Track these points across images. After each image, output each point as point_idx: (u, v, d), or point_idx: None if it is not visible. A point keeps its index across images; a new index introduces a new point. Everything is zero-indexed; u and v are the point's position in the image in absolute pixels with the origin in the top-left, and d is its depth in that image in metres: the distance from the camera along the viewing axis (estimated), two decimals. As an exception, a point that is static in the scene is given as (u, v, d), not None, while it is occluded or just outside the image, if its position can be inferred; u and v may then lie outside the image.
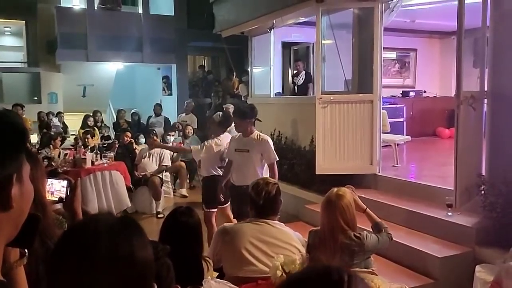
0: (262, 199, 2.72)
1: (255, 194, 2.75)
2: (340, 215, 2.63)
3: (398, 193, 5.30)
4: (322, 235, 2.67)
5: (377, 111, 5.61)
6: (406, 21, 8.02)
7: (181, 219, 2.39)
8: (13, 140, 0.79)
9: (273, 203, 2.77)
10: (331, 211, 2.66)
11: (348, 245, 2.59)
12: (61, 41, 10.96)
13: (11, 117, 0.82)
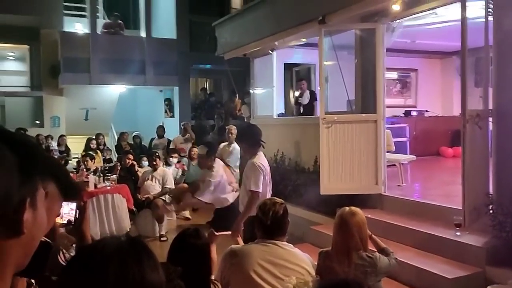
0: (270, 220, 2.68)
1: (262, 214, 2.70)
2: (355, 233, 2.60)
3: (404, 213, 5.25)
4: (334, 256, 2.62)
5: (381, 131, 5.60)
6: (407, 41, 8.10)
7: (190, 241, 2.34)
8: (27, 162, 0.74)
9: (280, 223, 2.72)
10: (345, 229, 2.62)
11: (361, 265, 2.54)
12: (65, 65, 11.06)
13: (24, 138, 0.78)
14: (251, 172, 4.06)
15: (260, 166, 4.03)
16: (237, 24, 8.46)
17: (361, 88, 6.04)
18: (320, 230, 5.62)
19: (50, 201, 0.79)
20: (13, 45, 13.20)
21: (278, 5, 7.00)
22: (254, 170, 4.03)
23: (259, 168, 4.01)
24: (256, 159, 4.09)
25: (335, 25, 5.83)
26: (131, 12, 14.45)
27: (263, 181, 4.02)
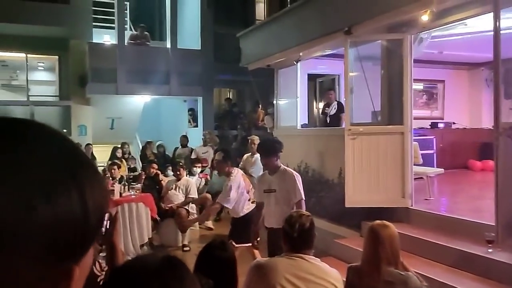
0: (296, 232, 2.63)
1: (289, 227, 2.66)
2: (387, 246, 2.54)
3: (432, 227, 5.11)
4: (364, 270, 2.55)
5: (409, 143, 5.50)
6: (434, 52, 7.97)
7: (216, 253, 2.32)
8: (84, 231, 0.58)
9: (307, 236, 2.67)
10: (376, 242, 2.57)
11: (391, 283, 2.46)
12: (92, 75, 11.29)
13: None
14: (294, 182, 4.23)
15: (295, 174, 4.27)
16: (261, 35, 8.49)
17: (387, 99, 5.95)
18: (345, 244, 5.52)
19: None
20: (43, 56, 13.57)
21: (303, 16, 6.99)
22: (295, 179, 4.25)
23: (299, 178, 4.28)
24: (286, 169, 4.31)
25: (361, 36, 5.78)
26: (157, 24, 14.71)
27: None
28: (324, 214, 6.54)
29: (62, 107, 12.76)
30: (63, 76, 13.03)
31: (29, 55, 12.74)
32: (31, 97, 12.89)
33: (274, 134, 8.71)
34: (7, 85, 14.37)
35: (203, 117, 12.28)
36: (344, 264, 5.22)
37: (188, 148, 10.68)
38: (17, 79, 14.27)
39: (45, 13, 11.02)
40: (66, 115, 12.52)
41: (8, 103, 12.96)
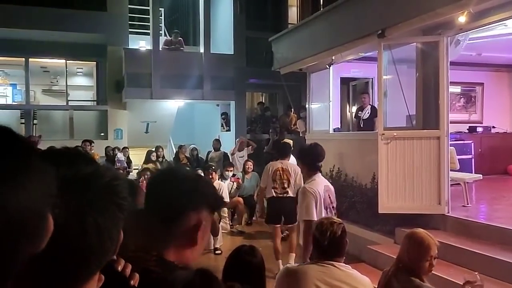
0: (327, 240, 2.60)
1: (319, 234, 2.63)
2: (427, 255, 2.58)
3: (470, 235, 4.94)
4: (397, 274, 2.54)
5: (445, 148, 5.34)
6: (472, 54, 7.74)
7: (245, 258, 2.32)
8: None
9: (338, 244, 2.63)
10: (416, 248, 2.62)
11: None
12: (128, 80, 11.58)
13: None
14: (303, 198, 3.79)
15: (313, 192, 3.74)
16: (293, 39, 8.48)
17: (422, 103, 5.81)
18: (378, 250, 5.42)
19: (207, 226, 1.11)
20: (82, 62, 14.04)
21: (335, 19, 6.93)
22: (305, 196, 3.77)
23: (311, 194, 3.73)
24: (310, 184, 3.85)
25: (395, 39, 5.68)
26: (191, 29, 14.94)
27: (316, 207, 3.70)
28: (356, 219, 6.44)
29: (99, 111, 13.15)
30: (100, 82, 13.44)
31: (68, 61, 13.22)
32: (70, 102, 13.36)
33: (306, 138, 8.67)
34: (48, 90, 14.95)
35: (235, 121, 12.36)
36: (376, 271, 5.13)
37: (221, 151, 10.76)
38: (57, 84, 14.82)
39: (84, 21, 11.41)
40: (103, 119, 12.90)
41: (49, 108, 13.49)
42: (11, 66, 13.58)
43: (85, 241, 0.62)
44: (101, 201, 0.64)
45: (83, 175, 0.65)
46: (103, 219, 0.64)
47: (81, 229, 0.61)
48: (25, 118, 12.38)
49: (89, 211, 0.62)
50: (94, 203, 0.63)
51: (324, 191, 3.81)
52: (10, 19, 10.76)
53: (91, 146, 10.09)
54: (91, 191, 0.64)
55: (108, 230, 0.65)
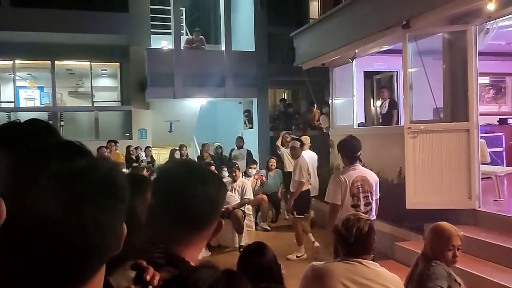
0: (353, 237, 2.52)
1: (345, 231, 2.55)
2: (450, 246, 2.65)
3: (503, 230, 4.78)
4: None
5: (475, 140, 5.17)
6: (501, 43, 7.46)
7: (253, 259, 2.27)
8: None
9: (365, 241, 2.55)
10: (434, 239, 2.71)
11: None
12: (151, 80, 11.67)
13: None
14: (330, 184, 4.34)
15: (338, 179, 4.24)
16: (315, 33, 8.37)
17: (450, 95, 5.64)
18: (407, 247, 5.29)
19: None
20: (106, 63, 14.25)
21: (358, 12, 6.80)
22: (332, 182, 4.31)
23: (339, 181, 4.23)
24: (339, 172, 4.52)
25: (421, 29, 5.52)
26: (212, 27, 14.96)
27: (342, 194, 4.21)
28: (383, 215, 6.28)
29: (124, 112, 13.32)
30: (124, 82, 13.61)
31: (93, 63, 13.42)
32: (95, 103, 13.57)
33: (330, 134, 8.55)
34: (74, 92, 15.23)
35: (258, 118, 12.31)
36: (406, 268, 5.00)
37: (244, 149, 10.74)
38: (82, 86, 15.08)
39: (106, 22, 11.55)
40: (127, 119, 13.06)
41: (75, 109, 13.75)
42: (38, 69, 13.88)
43: (83, 236, 0.60)
44: (98, 194, 0.62)
45: (78, 169, 0.62)
46: (102, 213, 0.62)
47: (79, 225, 0.59)
48: (52, 120, 12.64)
49: (86, 206, 0.60)
50: (92, 197, 0.61)
51: (355, 181, 4.21)
52: (35, 23, 10.98)
53: (116, 146, 10.22)
54: (87, 185, 0.61)
55: (109, 223, 0.63)
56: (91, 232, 0.59)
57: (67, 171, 0.60)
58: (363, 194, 4.22)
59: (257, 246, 2.43)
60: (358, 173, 4.28)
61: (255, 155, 10.97)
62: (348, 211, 3.97)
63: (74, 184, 0.60)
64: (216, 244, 7.12)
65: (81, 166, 0.62)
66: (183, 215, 1.02)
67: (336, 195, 4.21)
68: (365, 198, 4.23)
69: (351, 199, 4.21)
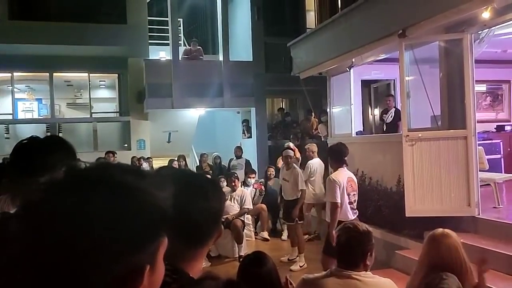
0: (346, 246, 2.44)
1: (343, 238, 2.49)
2: (442, 254, 2.45)
3: (502, 238, 4.77)
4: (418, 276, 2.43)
5: (473, 147, 5.19)
6: (497, 51, 7.52)
7: (251, 269, 2.26)
8: (152, 225, 0.64)
9: (356, 253, 2.41)
10: (432, 248, 2.50)
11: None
12: (149, 91, 11.70)
13: (149, 195, 0.65)
14: (329, 185, 4.83)
15: (336, 180, 4.73)
16: (312, 43, 8.42)
17: (447, 102, 5.67)
18: (407, 255, 5.28)
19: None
20: (104, 74, 14.30)
21: (354, 21, 6.85)
22: (330, 183, 4.78)
23: (335, 182, 4.71)
24: (334, 175, 4.86)
25: (417, 38, 5.56)
26: (210, 38, 15.04)
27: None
28: (383, 223, 6.31)
29: (122, 123, 13.33)
30: (122, 93, 13.64)
31: (91, 75, 13.46)
32: (94, 114, 13.59)
33: (328, 143, 8.57)
34: (72, 104, 15.26)
35: (256, 128, 12.33)
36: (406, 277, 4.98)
37: (242, 159, 10.74)
38: (81, 97, 15.11)
39: (104, 34, 11.61)
40: (126, 130, 13.07)
41: (73, 121, 13.77)
42: (37, 81, 13.91)
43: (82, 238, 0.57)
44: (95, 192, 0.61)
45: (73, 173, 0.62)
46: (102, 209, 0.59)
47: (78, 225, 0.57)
48: (50, 132, 12.63)
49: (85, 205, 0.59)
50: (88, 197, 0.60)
51: (347, 181, 4.78)
52: (34, 36, 11.03)
53: (114, 157, 10.21)
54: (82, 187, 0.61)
55: (113, 219, 0.59)
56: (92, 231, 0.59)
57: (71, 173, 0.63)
58: (353, 192, 4.84)
59: (256, 256, 2.42)
60: (347, 174, 4.91)
61: (254, 165, 10.97)
62: (346, 207, 4.72)
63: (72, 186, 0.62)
64: (216, 254, 7.10)
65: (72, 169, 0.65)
66: (186, 231, 0.95)
67: (336, 195, 4.66)
68: (354, 196, 4.85)
69: (347, 197, 4.74)
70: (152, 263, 0.65)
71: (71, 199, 0.60)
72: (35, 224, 0.60)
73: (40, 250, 0.58)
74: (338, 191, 4.67)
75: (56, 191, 0.62)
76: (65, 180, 0.64)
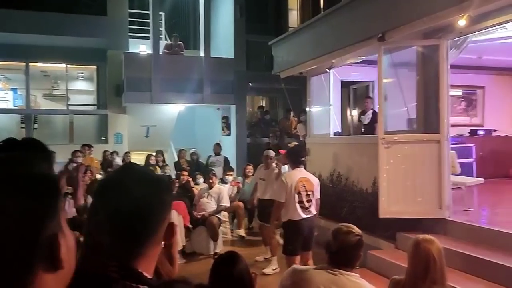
0: (338, 247, 2.50)
1: (333, 239, 2.54)
2: (437, 263, 2.43)
3: (472, 240, 4.90)
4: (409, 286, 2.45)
5: (445, 151, 5.31)
6: (473, 57, 7.70)
7: (223, 269, 2.27)
8: (49, 196, 0.69)
9: (348, 255, 2.49)
10: (423, 258, 2.45)
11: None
12: (128, 85, 11.55)
13: (37, 168, 0.71)
14: (278, 184, 5.25)
15: (284, 180, 5.00)
16: (294, 42, 8.46)
17: (423, 106, 5.78)
18: (380, 256, 5.38)
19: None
20: (83, 66, 14.06)
21: (336, 23, 6.92)
22: (279, 183, 5.18)
23: (283, 182, 4.99)
24: (286, 174, 5.24)
25: (396, 42, 5.65)
26: (192, 33, 14.94)
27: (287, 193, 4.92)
28: (357, 224, 6.31)
29: (100, 116, 13.14)
30: (100, 86, 13.44)
31: (69, 66, 13.23)
32: (71, 106, 13.35)
33: (306, 142, 8.64)
34: (49, 95, 14.95)
35: (236, 125, 12.33)
36: (379, 277, 5.09)
37: (221, 156, 10.72)
38: (58, 88, 14.82)
39: (84, 25, 11.42)
40: (103, 123, 12.89)
41: (49, 112, 13.50)
42: (12, 70, 13.59)
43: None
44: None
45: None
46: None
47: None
48: (25, 123, 12.38)
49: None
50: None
51: (298, 181, 4.96)
52: (10, 24, 10.77)
53: (90, 151, 10.06)
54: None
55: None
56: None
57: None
58: (306, 192, 4.95)
59: (229, 256, 2.43)
60: (302, 174, 5.08)
61: (232, 162, 10.97)
62: (294, 206, 4.90)
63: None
64: (191, 251, 7.08)
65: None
66: (130, 227, 0.95)
67: (280, 194, 4.97)
68: (307, 196, 4.95)
69: (296, 196, 4.91)
70: (61, 229, 0.72)
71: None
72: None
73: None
74: (284, 191, 4.92)
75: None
76: None
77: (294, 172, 5.08)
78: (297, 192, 4.90)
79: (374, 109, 7.91)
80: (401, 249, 5.34)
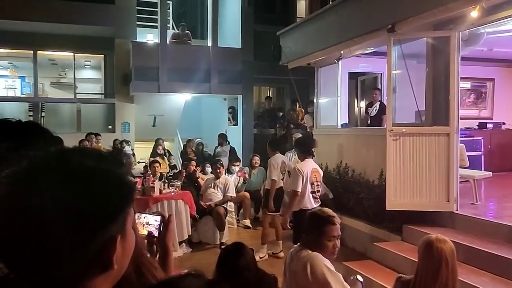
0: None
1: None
2: (449, 266, 2.34)
3: (479, 233, 4.88)
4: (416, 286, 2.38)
5: (454, 145, 5.27)
6: (483, 49, 7.60)
7: (230, 260, 2.27)
8: (121, 198, 0.71)
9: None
10: (436, 258, 2.35)
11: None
12: (135, 74, 11.54)
13: (116, 171, 0.72)
14: (293, 174, 5.18)
15: (300, 170, 5.03)
16: (302, 33, 8.39)
17: (432, 98, 5.74)
18: (385, 248, 5.37)
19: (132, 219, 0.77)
20: (90, 55, 14.05)
21: (345, 14, 6.85)
22: (294, 173, 5.16)
23: (299, 172, 5.02)
24: (299, 165, 5.19)
25: (406, 34, 5.59)
26: (199, 23, 14.87)
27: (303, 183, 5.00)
28: (363, 216, 6.40)
29: (107, 105, 13.16)
30: (108, 75, 13.44)
31: (76, 54, 13.22)
32: (78, 95, 13.38)
33: (314, 133, 8.61)
34: (56, 83, 14.99)
35: (242, 116, 12.31)
36: (384, 268, 5.10)
37: (228, 146, 10.72)
38: (65, 77, 14.85)
39: (92, 13, 11.40)
40: (110, 112, 12.91)
41: (57, 100, 13.54)
42: (20, 58, 13.61)
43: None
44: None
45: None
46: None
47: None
48: (33, 111, 12.42)
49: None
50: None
51: (311, 172, 5.08)
52: (18, 12, 10.77)
53: (97, 139, 10.11)
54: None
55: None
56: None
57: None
58: (316, 182, 5.11)
59: (235, 247, 2.44)
60: (313, 165, 5.19)
61: (239, 152, 10.98)
62: (308, 196, 5.01)
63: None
64: (197, 240, 7.12)
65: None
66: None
67: (297, 183, 4.97)
68: (317, 186, 5.13)
69: (310, 187, 5.03)
70: (123, 232, 0.73)
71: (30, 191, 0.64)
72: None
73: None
74: (300, 180, 4.98)
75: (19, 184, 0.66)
76: (26, 172, 0.67)
77: (307, 163, 5.16)
78: (311, 182, 5.06)
79: (381, 101, 7.86)
80: (407, 242, 5.34)
